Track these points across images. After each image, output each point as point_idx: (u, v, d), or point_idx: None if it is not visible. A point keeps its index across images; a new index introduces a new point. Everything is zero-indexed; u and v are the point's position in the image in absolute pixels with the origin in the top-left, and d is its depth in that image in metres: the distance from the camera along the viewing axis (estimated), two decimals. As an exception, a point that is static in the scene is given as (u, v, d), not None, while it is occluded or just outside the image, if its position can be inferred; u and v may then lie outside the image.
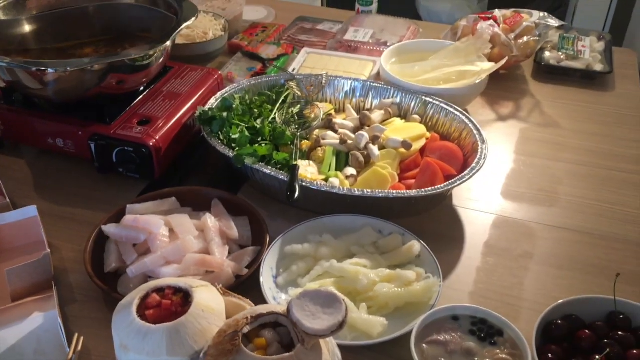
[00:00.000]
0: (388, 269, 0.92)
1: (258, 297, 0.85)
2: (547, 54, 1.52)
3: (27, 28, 1.23)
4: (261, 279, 0.90)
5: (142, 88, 1.19)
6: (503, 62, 1.32)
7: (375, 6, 1.66)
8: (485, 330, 0.80)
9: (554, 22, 1.45)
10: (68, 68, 1.03)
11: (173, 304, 0.74)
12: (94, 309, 0.90)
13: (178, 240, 0.93)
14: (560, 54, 1.51)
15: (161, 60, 1.17)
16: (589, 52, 1.51)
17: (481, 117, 1.35)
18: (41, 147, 1.17)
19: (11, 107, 1.16)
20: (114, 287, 0.91)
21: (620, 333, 0.79)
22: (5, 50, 1.17)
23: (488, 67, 1.32)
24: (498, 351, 0.77)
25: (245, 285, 0.89)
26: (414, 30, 1.58)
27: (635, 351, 0.77)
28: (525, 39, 1.43)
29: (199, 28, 1.52)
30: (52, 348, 0.82)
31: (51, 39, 1.25)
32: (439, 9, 3.55)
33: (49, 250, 0.90)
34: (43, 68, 1.03)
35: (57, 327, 0.83)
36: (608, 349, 0.76)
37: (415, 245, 0.95)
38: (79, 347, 0.81)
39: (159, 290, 0.76)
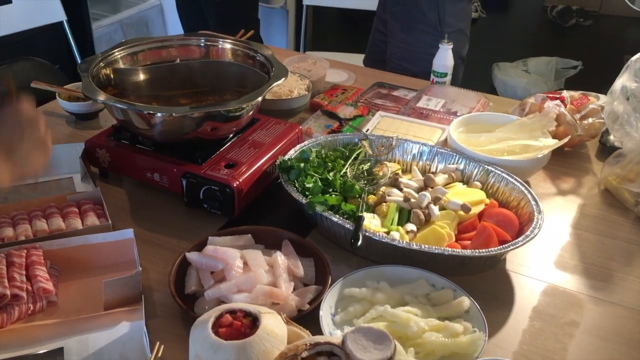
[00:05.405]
0: (437, 320, 0.99)
1: (316, 331, 0.94)
2: (612, 136, 1.57)
3: (141, 76, 1.41)
4: (321, 315, 0.99)
5: (231, 135, 1.34)
6: (566, 140, 1.39)
7: (449, 78, 1.77)
8: (523, 385, 0.86)
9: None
10: (173, 114, 1.19)
11: (243, 325, 0.85)
12: (172, 324, 1.02)
13: (250, 272, 1.05)
14: (626, 136, 1.55)
15: (251, 112, 1.32)
16: (654, 137, 1.55)
17: (541, 189, 1.41)
18: (140, 179, 1.33)
19: (119, 142, 1.33)
20: (191, 307, 1.03)
21: (654, 404, 0.83)
22: (121, 94, 1.35)
23: (551, 143, 1.39)
24: (533, 405, 0.83)
25: (306, 319, 0.98)
26: (483, 103, 1.67)
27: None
28: (590, 120, 1.49)
29: (286, 86, 1.66)
30: (135, 353, 0.94)
31: (158, 88, 1.42)
32: (514, 83, 3.61)
33: (140, 269, 1.04)
34: (153, 112, 1.19)
35: (142, 335, 0.95)
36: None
37: (465, 301, 1.02)
38: (159, 354, 0.93)
39: (232, 312, 0.87)
